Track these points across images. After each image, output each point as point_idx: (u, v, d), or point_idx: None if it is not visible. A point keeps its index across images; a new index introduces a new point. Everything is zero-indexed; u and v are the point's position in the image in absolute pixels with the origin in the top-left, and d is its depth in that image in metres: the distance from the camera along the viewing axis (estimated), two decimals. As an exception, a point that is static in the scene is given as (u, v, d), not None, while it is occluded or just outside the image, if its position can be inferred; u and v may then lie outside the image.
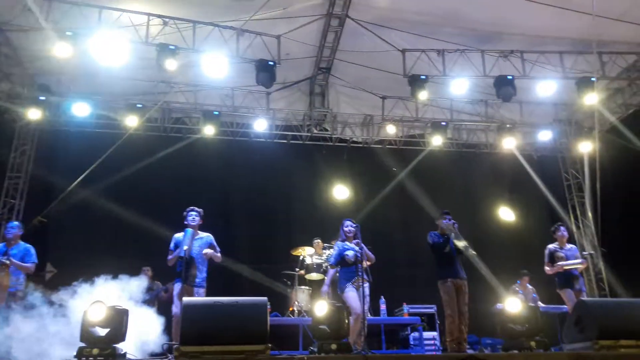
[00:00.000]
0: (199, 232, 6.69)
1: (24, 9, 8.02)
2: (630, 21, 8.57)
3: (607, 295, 10.81)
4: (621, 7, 8.34)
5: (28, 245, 6.80)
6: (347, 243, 6.62)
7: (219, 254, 6.68)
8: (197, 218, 6.68)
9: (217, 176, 10.92)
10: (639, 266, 9.32)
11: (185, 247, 6.30)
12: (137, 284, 6.65)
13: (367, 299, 6.36)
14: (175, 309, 6.30)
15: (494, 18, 9.00)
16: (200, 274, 6.46)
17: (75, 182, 8.10)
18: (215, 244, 6.74)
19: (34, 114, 9.75)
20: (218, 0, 8.60)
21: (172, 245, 6.58)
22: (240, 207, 10.94)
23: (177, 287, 6.40)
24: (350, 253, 6.48)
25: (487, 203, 11.32)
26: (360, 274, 6.30)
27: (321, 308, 4.94)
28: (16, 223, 6.97)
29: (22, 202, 10.23)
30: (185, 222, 6.64)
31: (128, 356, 4.61)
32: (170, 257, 6.49)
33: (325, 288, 6.69)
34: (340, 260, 6.55)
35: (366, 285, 6.36)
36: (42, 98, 9.84)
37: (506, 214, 11.73)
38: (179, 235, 6.60)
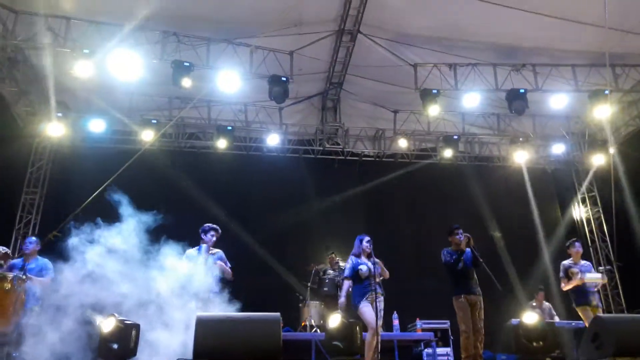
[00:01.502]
0: (212, 248, 6.72)
1: (43, 27, 8.23)
2: (643, 33, 8.55)
3: (624, 310, 10.64)
4: (634, 19, 8.32)
5: (45, 260, 6.83)
6: (361, 258, 6.61)
7: (229, 270, 6.69)
8: (214, 238, 6.73)
9: (230, 190, 10.98)
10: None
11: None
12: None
13: (381, 313, 6.34)
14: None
15: (506, 32, 9.03)
16: (213, 289, 6.38)
17: (91, 198, 8.20)
18: (226, 259, 6.76)
19: (53, 131, 9.92)
20: (232, 18, 8.74)
21: (183, 259, 6.58)
22: (253, 221, 10.98)
23: (193, 303, 6.40)
24: (364, 268, 6.46)
25: (500, 217, 11.23)
26: (373, 288, 6.28)
27: (334, 323, 4.93)
28: (34, 238, 7.04)
29: (38, 217, 10.38)
30: (203, 238, 6.67)
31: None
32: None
33: (341, 299, 6.63)
34: (354, 275, 6.53)
35: (380, 299, 6.36)
36: (59, 115, 10.01)
37: (519, 227, 11.63)
38: (191, 251, 6.61)
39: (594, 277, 7.23)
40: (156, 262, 5.91)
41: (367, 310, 6.23)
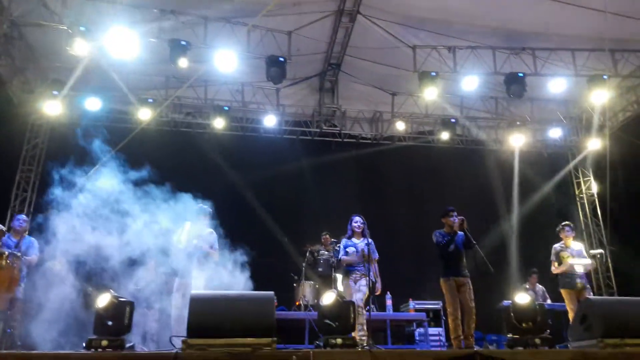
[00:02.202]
0: (203, 227, 6.74)
1: (39, 4, 8.14)
2: (643, 18, 8.50)
3: (615, 293, 10.77)
4: (634, 5, 8.26)
5: (32, 239, 6.92)
6: (352, 239, 6.70)
7: (215, 251, 6.71)
8: (206, 216, 6.75)
9: (226, 171, 10.99)
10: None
11: (183, 241, 6.37)
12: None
13: (360, 295, 6.42)
14: (175, 305, 6.33)
15: (506, 15, 8.96)
16: (195, 266, 6.44)
17: (86, 176, 8.21)
18: (215, 240, 6.78)
19: (50, 109, 9.87)
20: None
21: (175, 237, 6.63)
22: (249, 201, 11.01)
23: (176, 281, 6.47)
24: (351, 250, 6.58)
25: (496, 200, 11.29)
26: (360, 269, 6.38)
27: (327, 301, 4.97)
28: (25, 216, 7.12)
29: (34, 194, 10.39)
30: (196, 217, 6.70)
31: (136, 348, 4.67)
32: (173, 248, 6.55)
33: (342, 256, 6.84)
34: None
35: (364, 279, 6.44)
36: (55, 92, 9.94)
37: (515, 211, 11.69)
38: (181, 229, 6.65)
39: (582, 262, 7.32)
40: (145, 239, 6.00)
41: (347, 288, 6.40)
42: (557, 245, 7.49)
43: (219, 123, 10.81)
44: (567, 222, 7.72)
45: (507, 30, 9.35)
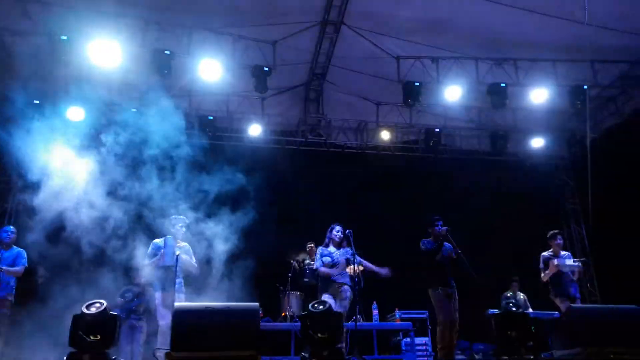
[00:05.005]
0: (179, 240, 6.66)
1: (20, 13, 8.04)
2: (623, 30, 8.66)
3: (598, 301, 10.87)
4: (614, 15, 8.42)
5: (21, 249, 6.81)
6: (329, 248, 6.64)
7: (196, 265, 6.64)
8: (184, 228, 6.67)
9: (210, 181, 10.88)
10: (631, 272, 9.37)
11: (176, 254, 6.28)
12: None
13: (345, 302, 6.35)
14: (161, 320, 6.25)
15: (488, 26, 9.08)
16: (179, 280, 6.32)
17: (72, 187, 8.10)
18: (192, 253, 6.70)
19: (32, 119, 9.71)
20: (214, 6, 8.64)
21: (150, 250, 6.51)
22: (232, 211, 10.91)
23: (158, 295, 6.36)
24: (326, 260, 6.50)
25: (480, 209, 11.34)
26: (339, 279, 6.31)
27: (313, 311, 4.93)
28: (12, 227, 6.99)
29: (14, 205, 10.18)
30: (173, 230, 6.60)
31: (119, 362, 4.58)
32: (148, 262, 6.44)
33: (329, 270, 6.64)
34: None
35: (345, 288, 6.37)
36: (37, 102, 9.79)
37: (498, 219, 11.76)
38: (158, 241, 6.52)
39: (569, 266, 7.35)
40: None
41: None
42: (545, 253, 7.47)
43: (203, 133, 10.71)
44: (557, 231, 7.72)
45: (489, 41, 9.47)
